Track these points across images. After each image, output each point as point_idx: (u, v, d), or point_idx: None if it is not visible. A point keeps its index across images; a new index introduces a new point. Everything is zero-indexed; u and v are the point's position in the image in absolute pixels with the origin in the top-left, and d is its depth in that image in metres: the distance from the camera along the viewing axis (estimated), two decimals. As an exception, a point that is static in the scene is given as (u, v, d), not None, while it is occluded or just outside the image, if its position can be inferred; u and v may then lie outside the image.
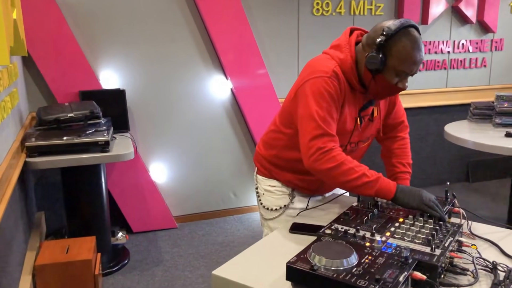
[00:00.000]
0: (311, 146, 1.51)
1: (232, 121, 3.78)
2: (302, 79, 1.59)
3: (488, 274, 1.25)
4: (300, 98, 1.57)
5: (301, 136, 1.56)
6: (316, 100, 1.52)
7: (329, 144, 1.50)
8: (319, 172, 1.52)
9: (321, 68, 1.56)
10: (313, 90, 1.53)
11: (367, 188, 1.49)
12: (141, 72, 3.47)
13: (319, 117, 1.51)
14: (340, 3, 3.84)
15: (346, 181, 1.50)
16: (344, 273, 1.11)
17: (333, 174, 1.50)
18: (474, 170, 4.71)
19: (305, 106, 1.54)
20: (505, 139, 2.91)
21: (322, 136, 1.51)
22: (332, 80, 1.54)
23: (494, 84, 4.51)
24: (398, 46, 1.48)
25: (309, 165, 1.53)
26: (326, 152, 1.49)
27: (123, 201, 3.53)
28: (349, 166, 1.49)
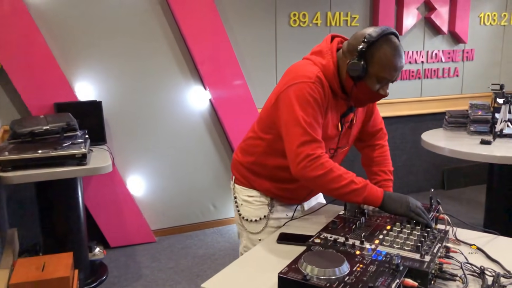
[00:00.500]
0: (299, 152, 1.49)
1: (211, 132, 3.76)
2: (285, 84, 1.57)
3: (476, 279, 1.26)
4: (284, 104, 1.55)
5: (288, 143, 1.53)
6: (301, 106, 1.51)
7: (317, 151, 1.49)
8: (307, 179, 1.50)
9: (305, 73, 1.55)
10: (298, 96, 1.52)
11: (355, 196, 1.49)
12: (117, 83, 3.42)
13: (306, 123, 1.50)
14: (317, 15, 3.89)
15: (335, 188, 1.49)
16: (337, 282, 1.10)
17: (322, 182, 1.49)
18: (449, 178, 4.80)
19: (290, 112, 1.52)
20: (481, 146, 2.97)
21: (310, 142, 1.49)
22: (316, 86, 1.53)
23: (466, 93, 4.63)
24: (380, 53, 1.48)
25: (297, 172, 1.50)
26: (314, 159, 1.48)
27: (100, 216, 3.45)
28: (337, 173, 1.49)
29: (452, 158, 4.63)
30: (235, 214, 1.89)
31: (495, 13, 4.62)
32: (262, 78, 3.78)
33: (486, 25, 4.62)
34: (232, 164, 1.91)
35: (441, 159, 4.64)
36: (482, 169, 4.50)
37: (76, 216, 2.95)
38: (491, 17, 4.60)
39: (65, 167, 2.62)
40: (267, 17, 3.75)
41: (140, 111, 3.51)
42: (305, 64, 1.63)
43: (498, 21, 4.66)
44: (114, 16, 3.34)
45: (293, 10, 3.81)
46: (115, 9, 3.34)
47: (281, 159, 1.65)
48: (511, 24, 4.73)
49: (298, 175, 1.51)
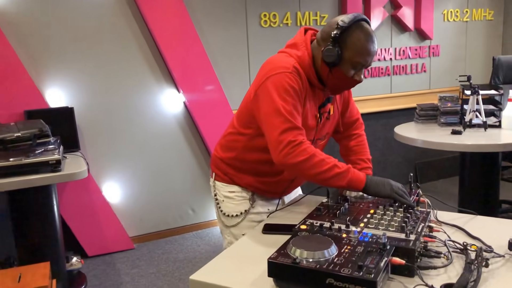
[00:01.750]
0: (282, 140, 1.49)
1: (186, 135, 3.73)
2: (263, 76, 1.57)
3: (459, 256, 1.29)
4: (263, 95, 1.55)
5: (269, 132, 1.53)
6: (280, 95, 1.52)
7: (299, 137, 1.50)
8: (290, 165, 1.50)
9: (282, 64, 1.56)
10: (276, 86, 1.53)
11: (338, 179, 1.50)
12: (89, 89, 3.36)
13: (286, 111, 1.50)
14: (287, 15, 3.93)
15: (318, 173, 1.49)
16: (327, 264, 1.11)
17: (305, 167, 1.49)
18: (422, 171, 4.91)
19: (270, 102, 1.53)
20: (452, 136, 3.04)
21: (291, 129, 1.50)
22: (293, 75, 1.54)
23: (434, 88, 4.75)
24: (353, 38, 1.51)
25: (280, 159, 1.50)
26: (297, 145, 1.49)
27: (76, 224, 3.37)
28: (320, 158, 1.50)
29: (424, 152, 4.77)
30: (216, 211, 1.88)
31: (458, 10, 4.77)
32: (236, 79, 3.79)
33: (450, 21, 4.76)
34: (212, 161, 1.90)
35: (413, 154, 4.76)
36: (452, 162, 4.63)
37: (52, 226, 2.86)
38: (454, 14, 4.75)
39: (39, 175, 2.56)
40: (237, 18, 3.76)
41: (113, 116, 3.46)
42: (281, 56, 1.65)
43: (460, 17, 4.81)
44: (83, 21, 3.29)
45: (263, 11, 3.83)
46: (83, 14, 3.29)
47: (262, 153, 1.66)
48: (473, 20, 4.89)
49: (281, 162, 1.51)
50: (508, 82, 3.66)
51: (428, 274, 1.21)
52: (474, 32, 4.93)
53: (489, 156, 3.21)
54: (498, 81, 3.66)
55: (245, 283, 1.20)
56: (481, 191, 3.32)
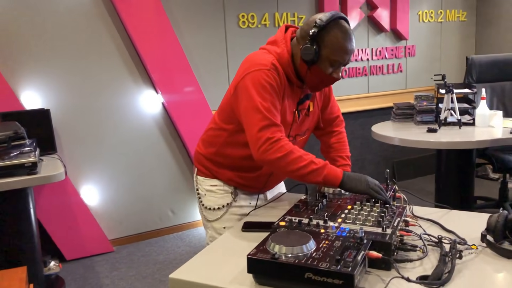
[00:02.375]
0: (260, 137, 1.51)
1: (165, 136, 3.71)
2: (242, 72, 1.59)
3: (434, 248, 1.32)
4: (242, 92, 1.57)
5: (248, 129, 1.56)
6: (258, 92, 1.54)
7: (277, 134, 1.52)
8: (268, 162, 1.53)
9: (260, 62, 1.58)
10: (255, 83, 1.55)
11: (315, 176, 1.52)
12: (66, 91, 3.32)
13: (264, 108, 1.52)
14: (265, 16, 3.95)
15: (295, 169, 1.51)
16: (305, 258, 1.13)
17: (283, 164, 1.51)
18: (399, 170, 4.98)
19: (248, 99, 1.54)
20: (428, 134, 3.11)
21: (270, 126, 1.52)
22: (271, 72, 1.56)
23: (410, 88, 4.82)
24: (331, 36, 1.53)
25: (259, 156, 1.53)
26: (275, 142, 1.51)
27: (54, 228, 3.32)
28: (297, 155, 1.52)
29: (401, 151, 4.84)
30: (199, 206, 1.89)
31: (432, 11, 4.86)
32: (215, 79, 3.79)
33: (425, 22, 4.85)
34: (194, 156, 1.92)
35: (390, 152, 4.83)
36: (429, 160, 4.71)
37: (28, 230, 2.81)
38: (428, 15, 4.84)
39: (15, 177, 2.51)
40: (216, 19, 3.77)
41: (90, 118, 3.42)
42: (261, 53, 1.67)
43: (435, 18, 4.90)
44: (59, 22, 3.25)
45: (242, 12, 3.84)
46: (59, 15, 3.25)
47: (242, 148, 1.68)
48: (447, 20, 4.99)
49: (260, 159, 1.53)
50: (481, 81, 3.75)
51: (404, 267, 1.24)
52: (448, 33, 5.04)
53: (464, 153, 3.29)
54: (471, 80, 3.74)
55: (225, 280, 1.20)
56: (456, 187, 3.39)
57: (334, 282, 1.07)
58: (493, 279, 1.18)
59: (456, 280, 1.16)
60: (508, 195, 3.78)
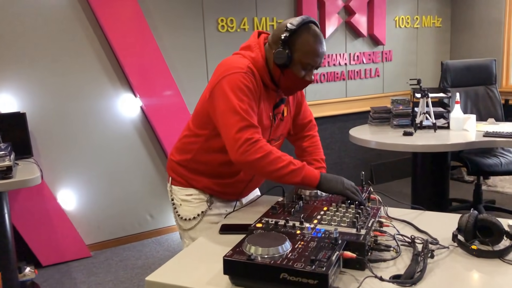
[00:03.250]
0: (238, 138, 1.51)
1: (143, 140, 3.69)
2: (218, 76, 1.59)
3: (408, 248, 1.35)
4: (218, 95, 1.57)
5: (225, 131, 1.55)
6: (236, 94, 1.54)
7: (255, 135, 1.53)
8: (247, 163, 1.52)
9: (236, 65, 1.60)
10: (232, 85, 1.55)
11: (294, 176, 1.53)
12: (42, 94, 3.28)
13: (242, 110, 1.53)
14: (244, 20, 3.97)
15: (274, 170, 1.52)
16: (281, 259, 1.14)
17: (262, 164, 1.52)
18: (377, 173, 5.05)
19: (226, 101, 1.54)
20: (404, 137, 3.16)
21: (248, 127, 1.52)
22: (248, 75, 1.58)
23: (387, 92, 4.90)
24: (302, 40, 1.57)
25: (237, 157, 1.52)
26: (253, 143, 1.51)
27: (29, 234, 3.27)
28: (276, 156, 1.53)
29: (379, 154, 4.92)
30: (174, 216, 1.87)
31: (408, 17, 4.96)
32: (194, 83, 3.79)
33: (401, 28, 4.94)
34: (168, 165, 1.90)
35: (369, 155, 4.90)
36: (405, 163, 4.80)
37: (3, 235, 2.76)
38: (405, 20, 4.94)
39: (-11, 182, 2.47)
40: (195, 23, 3.77)
41: (67, 121, 3.39)
42: (236, 57, 1.68)
43: (411, 24, 5.00)
44: (35, 25, 3.21)
45: (221, 16, 3.86)
46: (35, 18, 3.21)
47: (218, 154, 1.68)
48: (423, 26, 5.10)
49: (239, 160, 1.53)
50: (456, 85, 3.84)
51: (378, 266, 1.26)
52: (424, 38, 5.14)
53: (439, 156, 3.36)
54: (446, 85, 3.82)
55: (201, 282, 1.21)
56: (431, 189, 3.46)
57: (308, 282, 1.08)
58: (463, 277, 1.21)
59: (428, 278, 1.19)
60: (481, 197, 3.87)
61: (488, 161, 3.55)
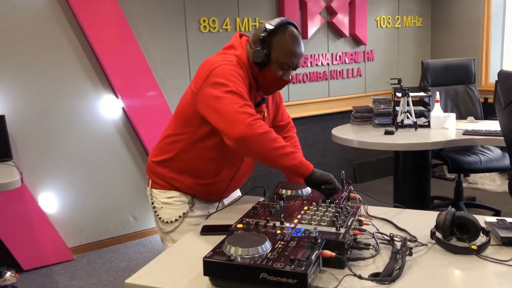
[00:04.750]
0: (243, 112, 1.49)
1: (125, 141, 3.67)
2: (206, 71, 1.59)
3: (387, 246, 1.37)
4: (210, 87, 1.55)
5: (224, 111, 1.51)
6: (229, 80, 1.54)
7: (256, 114, 1.53)
8: (253, 136, 1.48)
9: (225, 59, 1.62)
10: (224, 74, 1.56)
11: (292, 158, 1.54)
12: (22, 96, 3.23)
13: (239, 91, 1.53)
14: (226, 20, 3.96)
15: (276, 147, 1.51)
16: (260, 259, 1.14)
17: (265, 140, 1.50)
18: (360, 172, 5.09)
19: (221, 86, 1.53)
20: (385, 136, 3.20)
21: (248, 106, 1.52)
22: (237, 67, 1.61)
23: (370, 92, 4.94)
24: (279, 40, 1.61)
25: (242, 130, 1.47)
26: (258, 119, 1.51)
27: (9, 238, 3.22)
28: (276, 135, 1.54)
29: (362, 153, 4.95)
30: (155, 219, 1.86)
31: (390, 17, 5.01)
32: (176, 84, 3.76)
33: (383, 28, 4.99)
34: (148, 168, 1.88)
35: (352, 155, 4.93)
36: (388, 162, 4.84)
37: (-18, 239, 2.73)
38: (386, 20, 4.98)
39: (-34, 186, 2.44)
40: (176, 24, 3.75)
41: (48, 123, 3.34)
42: (220, 54, 1.70)
43: (392, 24, 5.05)
44: (14, 26, 3.16)
45: (203, 16, 3.85)
46: (14, 18, 3.16)
47: (203, 150, 1.70)
48: (404, 26, 5.15)
49: (244, 133, 1.47)
50: (436, 84, 3.89)
51: (357, 265, 1.27)
52: (405, 38, 5.20)
53: (420, 155, 3.40)
54: (427, 84, 3.87)
55: (181, 284, 1.21)
56: (413, 187, 3.51)
57: (288, 282, 1.09)
58: (440, 273, 1.23)
59: (406, 276, 1.21)
60: (462, 194, 3.93)
61: (468, 159, 3.60)
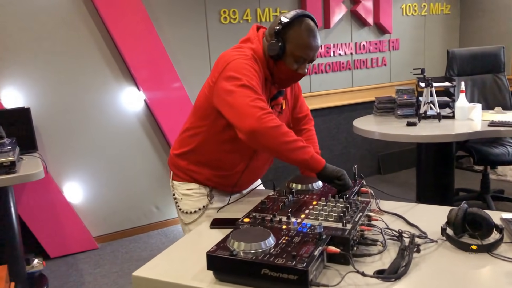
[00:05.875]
0: (254, 105, 1.49)
1: (148, 133, 3.72)
2: (222, 65, 1.60)
3: (396, 243, 1.35)
4: (225, 80, 1.56)
5: (236, 104, 1.52)
6: (243, 74, 1.55)
7: (268, 108, 1.53)
8: (264, 130, 1.48)
9: (240, 53, 1.62)
10: (239, 67, 1.56)
11: (304, 153, 1.54)
12: (47, 89, 3.32)
13: (252, 85, 1.53)
14: (246, 11, 3.95)
15: (287, 141, 1.51)
16: (263, 255, 1.15)
17: (277, 134, 1.50)
18: (384, 163, 5.01)
19: (233, 80, 1.54)
20: (407, 127, 3.13)
21: (260, 100, 1.52)
22: (252, 61, 1.61)
23: (394, 81, 4.85)
24: (294, 33, 1.60)
25: (254, 124, 1.47)
26: (268, 113, 1.51)
27: (37, 226, 3.33)
28: (287, 129, 1.54)
29: (386, 144, 4.87)
30: (177, 211, 1.90)
31: (416, 4, 4.88)
32: (197, 75, 3.76)
33: (408, 16, 4.87)
34: (169, 160, 1.93)
35: (376, 146, 4.86)
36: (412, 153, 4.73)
37: (9, 228, 2.82)
38: (412, 8, 4.86)
39: (-7, 177, 2.52)
40: (197, 15, 3.76)
41: (72, 116, 3.42)
42: (236, 49, 1.70)
43: (418, 11, 4.92)
44: (38, 20, 3.24)
45: (223, 7, 3.84)
46: (39, 13, 3.24)
47: (220, 143, 1.72)
48: (430, 14, 5.01)
49: (255, 127, 1.48)
50: (462, 74, 3.78)
51: (363, 261, 1.26)
52: (432, 26, 5.06)
53: (443, 146, 3.31)
54: (452, 73, 3.77)
55: (186, 277, 1.22)
56: (436, 180, 3.42)
57: (289, 278, 1.09)
58: (448, 271, 1.20)
59: (412, 273, 1.19)
60: (489, 186, 3.82)
61: (494, 151, 3.50)
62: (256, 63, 1.62)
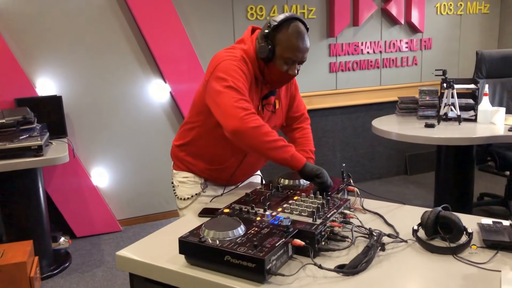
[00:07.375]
0: (237, 106, 1.57)
1: (172, 124, 3.87)
2: (213, 65, 1.69)
3: (366, 240, 1.40)
4: (214, 80, 1.65)
5: (223, 104, 1.60)
6: (230, 75, 1.63)
7: (251, 109, 1.60)
8: (246, 130, 1.56)
9: (230, 54, 1.71)
10: (227, 68, 1.64)
11: (284, 152, 1.61)
12: (77, 78, 3.52)
13: (237, 86, 1.61)
14: (274, 8, 4.01)
15: (269, 141, 1.58)
16: (228, 243, 1.23)
17: (258, 134, 1.57)
18: (412, 163, 4.95)
19: (221, 82, 1.62)
20: (424, 129, 3.11)
21: (244, 101, 1.60)
22: (241, 63, 1.68)
23: (425, 81, 4.77)
24: (283, 35, 1.66)
25: (236, 124, 1.56)
26: (252, 113, 1.58)
27: (65, 206, 3.55)
28: (269, 129, 1.61)
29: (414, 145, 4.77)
30: (175, 198, 2.02)
31: (451, 3, 4.77)
32: (222, 70, 3.88)
33: (443, 15, 4.77)
34: (171, 150, 2.06)
35: (404, 145, 4.79)
36: (441, 154, 4.66)
37: (38, 207, 3.04)
38: (447, 7, 4.75)
39: (22, 159, 2.73)
40: (224, 11, 3.86)
41: (101, 105, 3.62)
42: (228, 50, 1.78)
43: (454, 10, 4.81)
44: (72, 13, 3.44)
45: (250, 4, 3.92)
46: (73, 6, 3.43)
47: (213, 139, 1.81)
48: (467, 13, 4.88)
49: (237, 127, 1.56)
50: (491, 76, 3.69)
51: (329, 255, 1.32)
52: (469, 25, 4.93)
53: (463, 150, 3.26)
54: (481, 75, 3.68)
55: (161, 260, 1.32)
56: (454, 183, 3.37)
57: (248, 265, 1.17)
58: (408, 270, 1.24)
59: (372, 270, 1.24)
60: (514, 192, 3.72)
61: (518, 156, 3.40)
62: (245, 64, 1.69)
